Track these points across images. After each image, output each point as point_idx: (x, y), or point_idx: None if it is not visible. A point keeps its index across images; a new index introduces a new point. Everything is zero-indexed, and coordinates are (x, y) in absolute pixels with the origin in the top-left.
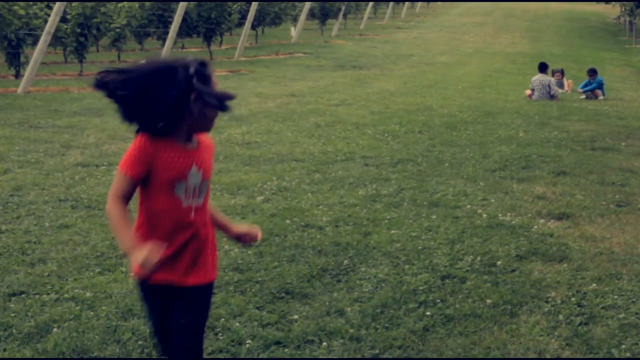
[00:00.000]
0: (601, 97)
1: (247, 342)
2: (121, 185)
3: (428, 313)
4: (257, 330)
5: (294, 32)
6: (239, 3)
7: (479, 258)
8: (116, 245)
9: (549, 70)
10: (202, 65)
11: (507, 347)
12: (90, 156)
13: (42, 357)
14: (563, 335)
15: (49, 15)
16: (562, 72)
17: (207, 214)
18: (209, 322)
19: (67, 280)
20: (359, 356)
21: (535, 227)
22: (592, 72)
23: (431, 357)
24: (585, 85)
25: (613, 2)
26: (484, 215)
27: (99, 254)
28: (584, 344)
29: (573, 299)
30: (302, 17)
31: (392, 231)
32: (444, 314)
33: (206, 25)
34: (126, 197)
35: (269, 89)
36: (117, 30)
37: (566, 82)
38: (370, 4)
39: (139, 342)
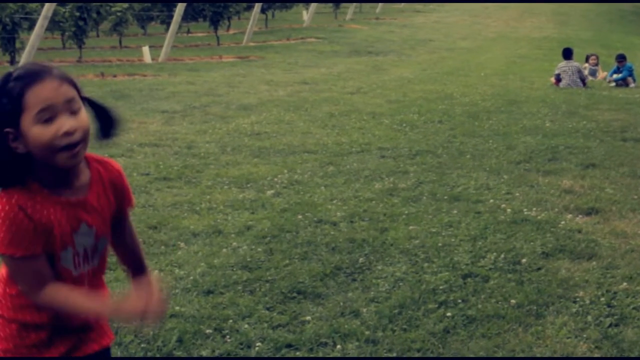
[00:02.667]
0: (632, 85)
1: (257, 344)
2: (30, 272)
3: (449, 314)
4: (267, 332)
5: (306, 15)
6: None
7: (502, 255)
8: None
9: (575, 56)
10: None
11: (533, 350)
12: (89, 147)
13: None
14: (592, 337)
15: None
16: (597, 57)
17: (103, 273)
18: (217, 323)
19: None
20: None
21: (563, 222)
22: (621, 58)
23: None
24: (614, 72)
25: None
26: (508, 210)
27: None
28: (614, 346)
29: (602, 298)
30: None
31: (411, 227)
32: (466, 314)
33: (213, 9)
34: (48, 278)
35: (279, 76)
36: (119, 13)
37: (600, 73)
38: None
39: (142, 345)
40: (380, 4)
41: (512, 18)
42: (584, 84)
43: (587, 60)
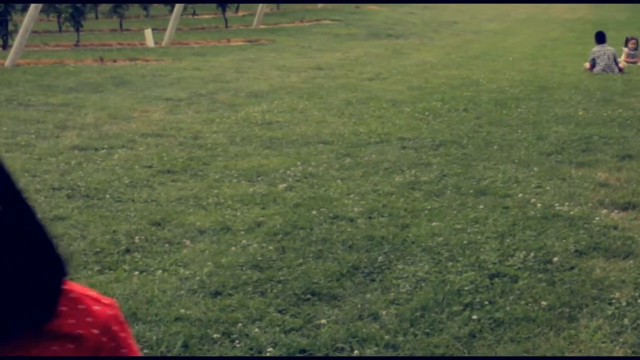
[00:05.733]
0: None
1: (268, 350)
2: None
3: (474, 317)
4: (280, 337)
5: None
6: None
7: (532, 254)
8: (118, 240)
9: (610, 39)
10: None
11: (565, 355)
12: (88, 138)
13: None
14: (629, 341)
15: None
16: (637, 41)
17: None
18: (225, 327)
19: None
20: None
21: (597, 218)
22: None
23: None
24: None
25: None
26: (538, 205)
27: (98, 249)
28: None
29: None
30: None
31: (434, 223)
32: (493, 317)
33: None
34: None
35: (292, 61)
36: None
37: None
38: None
39: (145, 351)
40: None
41: None
42: (620, 69)
43: (626, 43)
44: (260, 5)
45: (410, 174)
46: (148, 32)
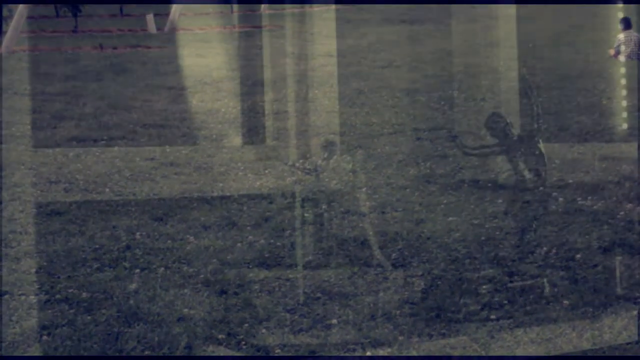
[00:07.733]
0: None
1: (276, 351)
2: None
3: (493, 316)
4: (288, 338)
5: None
6: None
7: (554, 250)
8: (118, 236)
9: (634, 25)
10: None
11: (588, 356)
12: (87, 129)
13: None
14: None
15: None
16: None
17: None
18: (230, 328)
19: (59, 278)
20: None
21: (622, 213)
22: None
23: None
24: None
25: None
26: (560, 199)
27: (97, 246)
28: None
29: None
30: None
31: (450, 218)
32: (512, 317)
33: None
34: None
35: (301, 47)
36: None
37: None
38: None
39: (146, 352)
40: None
41: None
42: None
43: None
44: None
45: (425, 167)
46: (150, 18)
